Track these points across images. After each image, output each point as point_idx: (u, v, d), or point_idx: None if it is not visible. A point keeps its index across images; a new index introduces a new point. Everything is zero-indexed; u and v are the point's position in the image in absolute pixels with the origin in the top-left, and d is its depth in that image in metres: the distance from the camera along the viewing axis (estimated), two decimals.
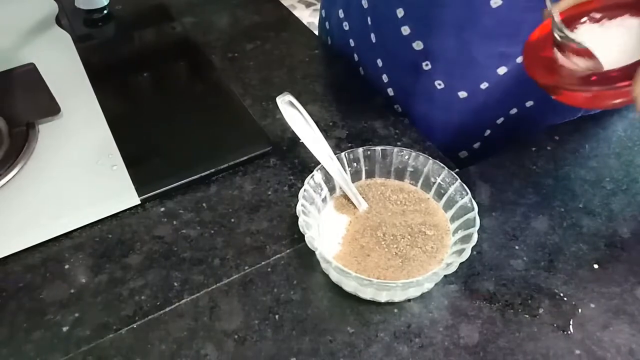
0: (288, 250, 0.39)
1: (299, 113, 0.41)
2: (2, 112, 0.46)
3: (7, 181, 0.42)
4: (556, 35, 0.34)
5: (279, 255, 0.39)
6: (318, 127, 0.40)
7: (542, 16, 0.37)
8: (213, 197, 0.43)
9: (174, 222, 0.41)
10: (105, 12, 0.61)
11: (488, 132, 0.55)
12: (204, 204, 0.42)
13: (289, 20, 0.64)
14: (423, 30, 0.49)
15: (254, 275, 0.37)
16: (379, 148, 0.39)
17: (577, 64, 0.33)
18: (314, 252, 0.35)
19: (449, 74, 0.51)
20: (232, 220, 0.41)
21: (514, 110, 0.52)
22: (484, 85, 0.50)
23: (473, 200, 0.36)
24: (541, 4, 0.42)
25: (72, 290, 0.37)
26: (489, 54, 0.47)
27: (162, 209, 0.42)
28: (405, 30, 0.50)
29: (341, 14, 0.59)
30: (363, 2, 0.53)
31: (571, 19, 0.35)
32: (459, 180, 0.37)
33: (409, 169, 0.39)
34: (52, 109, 0.47)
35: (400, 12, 0.49)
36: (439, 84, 0.51)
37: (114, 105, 0.50)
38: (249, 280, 0.37)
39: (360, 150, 0.39)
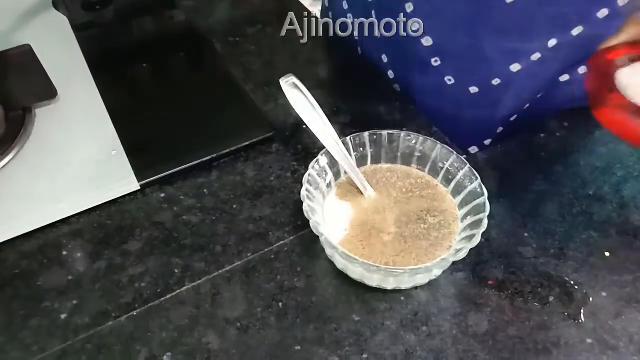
0: (292, 237, 0.38)
1: (303, 96, 0.40)
2: None
3: (3, 166, 0.41)
4: None
5: (282, 242, 0.38)
6: None
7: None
8: (214, 183, 0.42)
9: (175, 208, 0.40)
10: None
11: (500, 129, 0.53)
12: (205, 190, 0.41)
13: (291, 5, 0.62)
14: (433, 25, 0.47)
15: (256, 262, 0.37)
16: (385, 132, 0.38)
17: None
18: (318, 239, 0.34)
19: (459, 70, 0.49)
20: (234, 206, 0.40)
21: (526, 106, 0.51)
22: (495, 82, 0.48)
23: (483, 186, 0.35)
24: None
25: (70, 277, 0.36)
26: (500, 50, 0.46)
27: (163, 195, 0.41)
28: (414, 25, 0.48)
29: (345, 5, 0.58)
30: None
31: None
32: (468, 165, 0.36)
33: (417, 154, 0.38)
34: (49, 92, 0.46)
35: (409, 7, 0.47)
36: (449, 80, 0.50)
37: (113, 90, 0.48)
38: (252, 268, 0.36)
39: (367, 134, 0.38)
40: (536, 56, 0.45)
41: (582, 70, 0.47)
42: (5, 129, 0.43)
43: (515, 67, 0.46)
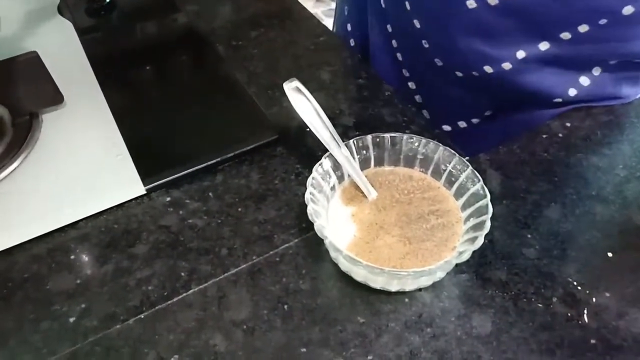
0: (296, 240, 0.38)
1: (306, 99, 0.40)
2: (5, 102, 0.45)
3: (11, 172, 0.42)
4: None
5: (287, 245, 0.38)
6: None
7: None
8: (219, 187, 0.42)
9: (180, 212, 0.40)
10: (107, 0, 0.60)
11: (488, 112, 0.55)
12: (210, 194, 0.42)
13: (294, 8, 0.63)
14: (420, 11, 0.49)
15: (262, 265, 0.37)
16: (388, 135, 0.39)
17: None
18: (322, 241, 0.34)
19: (444, 56, 0.51)
20: (239, 209, 0.40)
21: (507, 106, 0.52)
22: (475, 73, 0.49)
23: (485, 187, 0.35)
24: (517, 11, 0.42)
25: (78, 281, 0.36)
26: (471, 49, 0.48)
27: (168, 199, 0.41)
28: (408, 5, 0.50)
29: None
30: None
31: None
32: (470, 167, 0.36)
33: (419, 156, 0.39)
34: (55, 98, 0.47)
35: None
36: (438, 62, 0.52)
37: (118, 94, 0.49)
38: (257, 270, 0.37)
39: (369, 137, 0.39)
40: (507, 65, 0.46)
41: (584, 81, 0.48)
42: (13, 134, 0.44)
43: (488, 69, 0.48)
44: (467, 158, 0.38)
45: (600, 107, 0.48)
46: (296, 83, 0.40)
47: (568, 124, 0.47)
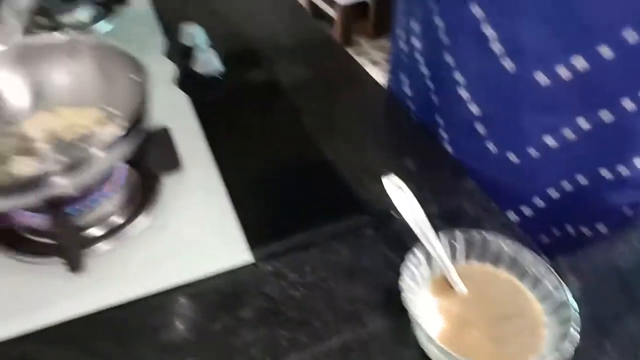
0: (384, 321, 0.42)
1: (402, 192, 0.45)
2: (137, 167, 0.52)
3: (139, 231, 0.48)
4: None
5: (375, 325, 0.42)
6: None
7: None
8: (315, 261, 0.47)
9: (281, 282, 0.45)
10: (220, 78, 0.68)
11: (537, 199, 0.57)
12: (306, 267, 0.46)
13: (378, 90, 0.69)
14: (480, 96, 0.54)
15: (352, 342, 0.40)
16: (476, 233, 0.42)
17: None
18: (408, 325, 0.37)
19: (500, 139, 0.55)
20: (332, 285, 0.45)
21: (567, 186, 0.55)
22: (532, 151, 0.53)
23: (570, 296, 0.38)
24: (585, 81, 0.45)
25: (187, 336, 0.41)
26: (535, 122, 0.52)
27: (271, 268, 0.46)
28: (464, 94, 0.55)
29: (403, 77, 0.66)
30: (423, 69, 0.60)
31: None
32: (554, 275, 0.39)
33: (506, 257, 0.42)
34: (176, 165, 0.54)
35: (459, 78, 0.55)
36: (492, 148, 0.56)
37: (229, 164, 0.55)
38: (348, 347, 0.40)
39: (459, 233, 0.42)
40: (568, 132, 0.50)
41: (624, 171, 0.51)
42: (142, 195, 0.51)
43: (548, 139, 0.52)
44: (549, 263, 0.41)
45: None
46: (394, 178, 0.45)
47: None
